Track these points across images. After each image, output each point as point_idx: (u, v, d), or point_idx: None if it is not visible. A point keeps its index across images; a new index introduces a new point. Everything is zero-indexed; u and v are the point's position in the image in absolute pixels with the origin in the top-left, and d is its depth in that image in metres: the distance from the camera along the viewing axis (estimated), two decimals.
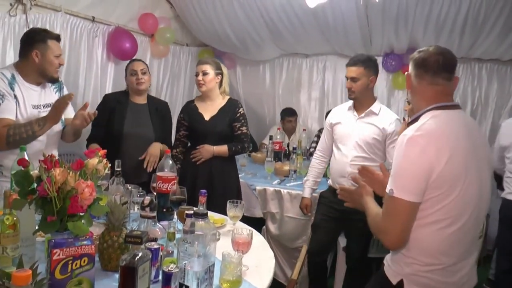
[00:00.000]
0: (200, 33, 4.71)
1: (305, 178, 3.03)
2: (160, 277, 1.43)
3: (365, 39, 4.32)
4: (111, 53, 3.65)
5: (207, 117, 2.85)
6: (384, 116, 2.69)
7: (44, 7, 2.93)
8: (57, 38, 2.29)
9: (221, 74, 2.89)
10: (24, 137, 2.10)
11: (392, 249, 1.53)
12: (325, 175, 3.14)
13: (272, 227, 3.41)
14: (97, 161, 1.57)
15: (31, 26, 2.78)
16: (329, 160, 2.91)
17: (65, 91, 2.46)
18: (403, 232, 1.45)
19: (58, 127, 2.33)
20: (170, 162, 2.16)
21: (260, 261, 1.76)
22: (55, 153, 2.38)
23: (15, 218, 1.37)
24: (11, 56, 2.72)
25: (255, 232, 1.90)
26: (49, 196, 1.36)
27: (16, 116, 2.16)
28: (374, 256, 2.83)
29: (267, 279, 1.62)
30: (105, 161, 1.61)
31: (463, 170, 1.42)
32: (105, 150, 1.67)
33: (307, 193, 2.98)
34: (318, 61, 5.00)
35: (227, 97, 2.94)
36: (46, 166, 1.39)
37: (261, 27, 4.30)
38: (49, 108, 2.28)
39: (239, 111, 2.89)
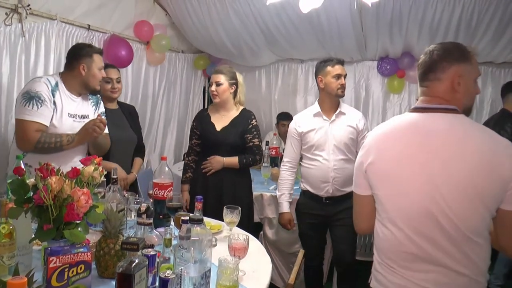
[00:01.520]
0: (196, 40, 4.73)
1: (279, 193, 2.85)
2: (157, 283, 1.43)
3: (359, 44, 4.35)
4: (107, 61, 3.64)
5: (218, 127, 2.81)
6: (352, 114, 2.76)
7: (40, 16, 2.93)
8: (101, 52, 2.46)
9: (236, 84, 2.85)
10: (52, 147, 2.25)
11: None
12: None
13: (269, 232, 3.40)
14: (93, 169, 1.58)
15: (27, 35, 2.79)
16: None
17: (101, 106, 2.58)
18: (356, 220, 1.63)
19: None
20: (167, 168, 2.16)
21: (257, 266, 1.77)
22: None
23: (11, 227, 1.37)
24: (7, 65, 2.72)
25: (251, 237, 1.91)
26: (45, 204, 1.36)
27: (51, 121, 2.27)
28: (365, 259, 2.83)
29: (264, 283, 1.63)
30: (101, 169, 1.62)
31: (388, 174, 1.41)
32: (101, 158, 1.68)
33: (286, 208, 2.82)
34: (314, 66, 4.97)
35: (241, 108, 2.90)
36: (42, 175, 1.39)
37: (256, 33, 4.31)
38: (83, 119, 2.40)
39: (252, 122, 2.85)
